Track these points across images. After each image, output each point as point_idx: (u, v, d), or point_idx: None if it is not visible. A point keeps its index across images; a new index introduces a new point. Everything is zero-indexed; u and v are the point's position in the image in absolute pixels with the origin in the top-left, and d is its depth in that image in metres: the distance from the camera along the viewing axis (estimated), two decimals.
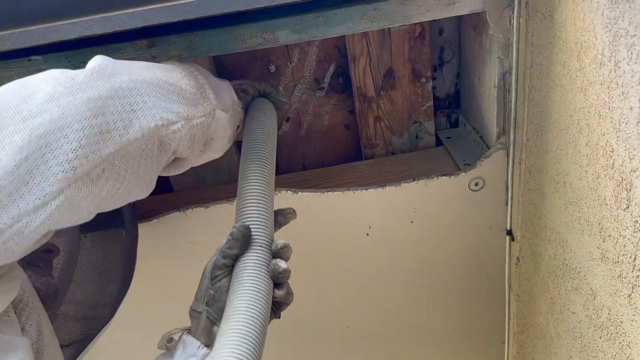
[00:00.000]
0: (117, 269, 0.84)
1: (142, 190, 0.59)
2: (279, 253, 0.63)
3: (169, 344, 0.65)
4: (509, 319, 1.09)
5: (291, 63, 1.00)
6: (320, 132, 1.09)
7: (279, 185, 0.97)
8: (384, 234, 1.02)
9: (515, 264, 0.99)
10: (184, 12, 0.66)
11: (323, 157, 1.12)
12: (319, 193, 0.97)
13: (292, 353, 1.22)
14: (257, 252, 0.62)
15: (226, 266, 0.63)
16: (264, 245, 0.63)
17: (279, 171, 1.13)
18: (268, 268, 0.62)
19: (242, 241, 0.62)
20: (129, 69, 0.58)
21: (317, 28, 0.76)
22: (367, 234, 1.02)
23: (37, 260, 0.70)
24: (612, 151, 0.56)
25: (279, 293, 0.62)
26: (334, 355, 1.23)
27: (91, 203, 0.51)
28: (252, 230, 0.63)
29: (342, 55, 1.01)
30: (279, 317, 0.67)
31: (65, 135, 0.48)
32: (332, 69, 1.02)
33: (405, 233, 1.02)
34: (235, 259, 0.63)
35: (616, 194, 0.56)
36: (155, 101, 0.57)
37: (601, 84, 0.56)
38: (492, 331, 1.18)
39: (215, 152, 0.74)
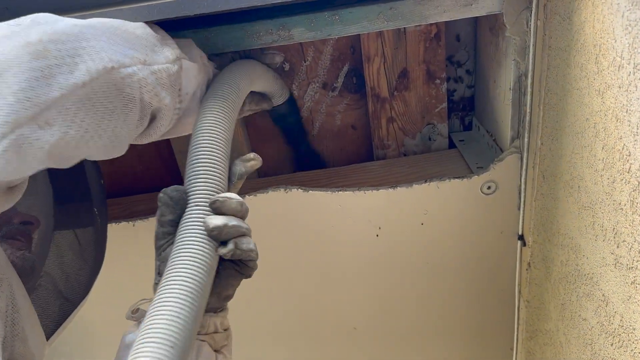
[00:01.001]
0: (88, 245, 0.83)
1: (105, 144, 0.55)
2: (216, 209, 0.57)
3: (134, 314, 0.65)
4: (518, 324, 1.08)
5: (305, 62, 1.00)
6: (332, 131, 1.09)
7: (290, 183, 0.97)
8: (394, 236, 1.02)
9: (526, 270, 0.98)
10: (200, 6, 0.66)
11: (335, 156, 1.12)
12: (329, 192, 0.96)
13: (299, 354, 1.22)
14: (191, 213, 0.57)
15: (167, 234, 0.59)
16: (200, 204, 0.57)
17: (291, 169, 1.13)
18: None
19: (172, 204, 0.58)
20: (77, 19, 0.55)
21: (332, 26, 0.76)
22: (377, 235, 1.02)
23: (15, 233, 0.69)
24: (629, 155, 0.55)
25: (223, 251, 0.56)
26: (340, 357, 1.22)
27: (40, 150, 0.48)
28: (191, 188, 0.58)
29: (356, 55, 1.01)
30: (249, 276, 0.63)
31: (5, 80, 0.46)
32: (346, 68, 1.02)
33: (416, 235, 1.01)
34: (174, 225, 0.58)
35: (632, 199, 0.55)
36: (104, 45, 0.54)
37: (619, 87, 0.55)
38: (500, 337, 1.17)
39: (194, 114, 0.69)
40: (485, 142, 1.04)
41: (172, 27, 0.75)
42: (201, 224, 0.56)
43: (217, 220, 0.56)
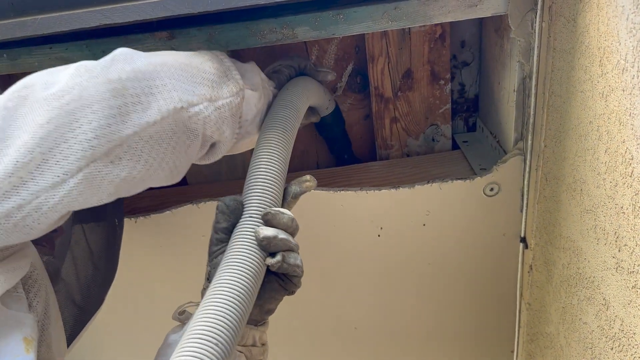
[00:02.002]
0: (101, 255, 0.84)
1: (166, 175, 0.58)
2: (267, 221, 0.59)
3: (181, 316, 0.66)
4: (518, 327, 1.08)
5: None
6: None
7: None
8: (396, 236, 1.02)
9: (528, 272, 0.97)
10: (205, 3, 0.67)
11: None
12: (331, 192, 0.96)
13: (299, 353, 1.22)
14: (244, 223, 0.59)
15: (220, 241, 0.61)
16: (254, 215, 0.60)
17: (292, 169, 1.13)
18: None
19: (228, 213, 0.60)
20: (150, 54, 0.58)
21: (336, 25, 0.76)
22: (379, 235, 1.02)
23: (42, 239, 0.71)
24: (632, 159, 0.54)
25: (271, 261, 0.58)
26: (340, 356, 1.22)
27: (110, 184, 0.52)
28: (247, 200, 0.61)
29: (360, 54, 1.00)
30: (292, 292, 0.65)
31: (85, 115, 0.49)
32: (350, 68, 1.02)
33: (417, 236, 1.01)
34: (228, 233, 0.61)
35: (634, 203, 0.55)
36: (176, 83, 0.57)
37: (623, 90, 0.55)
38: (500, 339, 1.17)
39: (254, 134, 0.73)
40: (488, 144, 1.03)
41: (177, 24, 0.75)
42: (253, 233, 0.58)
43: (267, 232, 0.57)
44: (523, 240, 0.97)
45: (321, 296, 1.11)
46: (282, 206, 0.64)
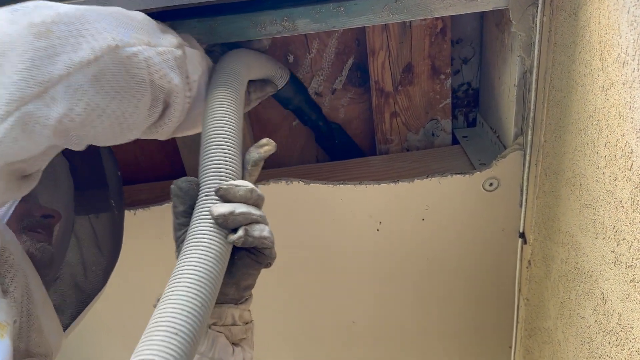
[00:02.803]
0: (106, 238, 0.84)
1: (113, 126, 0.55)
2: (221, 196, 0.56)
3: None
4: (517, 322, 1.08)
5: (309, 54, 1.00)
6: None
7: (292, 175, 0.97)
8: (395, 231, 1.02)
9: (527, 267, 0.97)
10: None
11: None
12: (330, 185, 0.96)
13: (297, 346, 1.22)
14: (200, 203, 0.56)
15: (182, 226, 0.58)
16: (209, 193, 0.57)
17: (292, 164, 1.13)
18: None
19: (182, 195, 0.57)
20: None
21: (337, 18, 0.76)
22: (378, 230, 1.02)
23: (36, 226, 0.70)
24: (631, 152, 0.54)
25: (232, 238, 0.55)
26: (337, 350, 1.23)
27: (45, 128, 0.49)
28: (202, 177, 0.58)
29: (361, 48, 1.00)
30: (268, 265, 0.62)
31: (9, 60, 0.47)
32: (350, 61, 1.02)
33: (416, 230, 1.01)
34: (188, 216, 0.58)
35: (633, 197, 0.55)
36: (107, 26, 0.54)
37: (623, 84, 0.55)
38: (498, 334, 1.17)
39: (202, 103, 0.68)
40: (488, 139, 1.03)
41: (177, 16, 0.75)
42: (208, 213, 0.55)
43: (221, 209, 0.54)
44: (522, 235, 0.97)
45: (319, 290, 1.11)
46: (243, 177, 0.61)
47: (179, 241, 0.59)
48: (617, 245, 0.60)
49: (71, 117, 0.51)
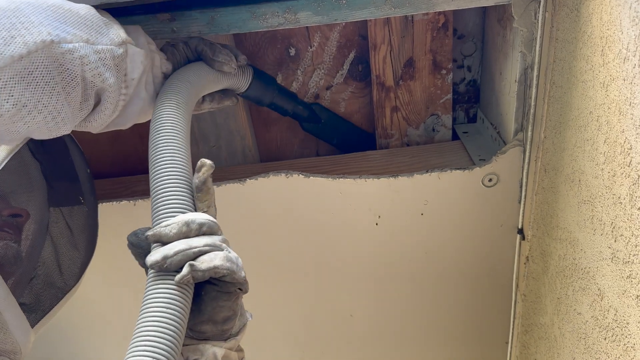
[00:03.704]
0: (79, 235, 0.84)
1: (47, 121, 0.55)
2: (156, 242, 0.54)
3: None
4: (514, 318, 1.08)
5: (311, 47, 1.00)
6: None
7: (292, 168, 0.97)
8: (394, 225, 1.02)
9: (524, 264, 0.98)
10: None
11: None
12: (330, 179, 0.96)
13: (294, 338, 1.23)
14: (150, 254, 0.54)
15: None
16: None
17: (292, 157, 1.13)
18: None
19: (134, 250, 0.57)
20: None
21: (339, 11, 0.76)
22: (377, 224, 1.02)
23: (3, 225, 0.69)
24: (630, 148, 0.55)
25: (177, 278, 0.51)
26: (335, 343, 1.23)
27: None
28: (153, 220, 0.56)
29: (363, 42, 1.00)
30: (239, 291, 0.57)
31: None
32: (352, 55, 1.02)
33: (415, 225, 1.02)
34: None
35: (631, 192, 0.55)
36: (44, 20, 0.53)
37: (624, 80, 0.55)
38: (495, 330, 1.18)
39: (147, 103, 0.68)
40: (489, 135, 1.03)
41: (179, 6, 0.75)
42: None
43: (154, 256, 0.52)
44: (520, 231, 0.97)
45: (317, 283, 1.12)
46: (196, 205, 0.58)
47: None
48: (615, 241, 0.60)
49: (1, 113, 0.51)
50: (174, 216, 0.55)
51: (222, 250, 0.54)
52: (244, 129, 1.06)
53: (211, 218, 0.56)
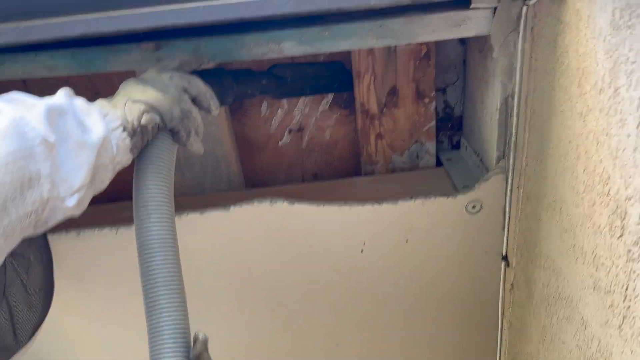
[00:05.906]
0: (37, 296, 0.82)
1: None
2: None
3: None
4: (500, 346, 1.07)
5: None
6: (321, 146, 1.09)
7: (276, 195, 0.97)
8: (379, 252, 1.02)
9: (510, 291, 0.98)
10: (189, 16, 0.67)
11: (323, 171, 1.12)
12: (314, 206, 0.96)
13: None
14: None
15: None
16: None
17: (278, 182, 1.13)
18: None
19: None
20: None
21: (322, 41, 0.77)
22: (362, 251, 1.01)
23: None
24: (609, 178, 0.55)
25: None
26: None
27: None
28: None
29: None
30: None
31: None
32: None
33: (400, 251, 1.01)
34: None
35: (611, 222, 0.56)
36: None
37: (600, 110, 0.56)
38: (482, 357, 1.17)
39: (110, 174, 0.66)
40: (472, 162, 1.04)
41: (164, 35, 0.76)
42: None
43: None
44: (505, 258, 0.97)
45: (303, 310, 1.10)
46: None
47: None
48: (596, 270, 0.61)
49: None
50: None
51: None
52: (229, 155, 1.06)
53: None
